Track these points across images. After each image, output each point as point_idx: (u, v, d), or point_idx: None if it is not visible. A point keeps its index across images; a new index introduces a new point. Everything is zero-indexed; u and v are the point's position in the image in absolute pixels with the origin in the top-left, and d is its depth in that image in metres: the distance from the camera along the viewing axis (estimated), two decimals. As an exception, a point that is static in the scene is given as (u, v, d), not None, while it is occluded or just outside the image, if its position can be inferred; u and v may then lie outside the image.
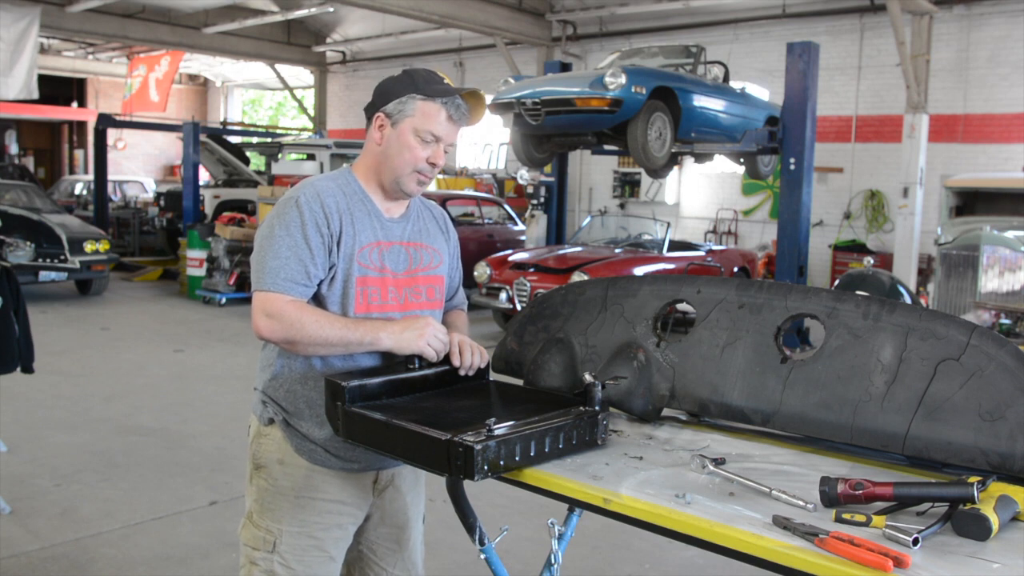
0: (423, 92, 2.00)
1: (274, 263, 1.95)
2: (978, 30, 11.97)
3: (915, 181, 11.26)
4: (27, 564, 3.73)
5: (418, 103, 2.01)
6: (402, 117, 2.02)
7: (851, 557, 1.33)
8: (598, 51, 15.64)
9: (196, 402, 6.59)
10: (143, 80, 21.32)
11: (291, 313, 1.92)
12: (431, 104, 2.00)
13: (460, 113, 2.03)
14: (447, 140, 2.04)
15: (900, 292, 7.17)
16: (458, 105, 2.03)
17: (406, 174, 2.04)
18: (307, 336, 1.92)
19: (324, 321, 1.94)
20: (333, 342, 1.94)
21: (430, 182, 2.09)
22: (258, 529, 2.07)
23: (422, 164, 2.03)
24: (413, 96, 2.01)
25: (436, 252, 2.20)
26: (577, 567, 3.80)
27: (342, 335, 1.94)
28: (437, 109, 2.01)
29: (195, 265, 11.71)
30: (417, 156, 2.02)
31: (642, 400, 2.12)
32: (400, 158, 2.03)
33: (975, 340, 1.74)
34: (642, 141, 8.27)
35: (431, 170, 2.05)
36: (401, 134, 2.02)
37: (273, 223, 2.00)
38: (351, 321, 1.98)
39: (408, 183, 2.05)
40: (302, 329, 1.91)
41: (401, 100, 2.02)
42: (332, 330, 1.93)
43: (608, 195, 16.14)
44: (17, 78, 14.83)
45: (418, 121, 2.01)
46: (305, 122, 23.47)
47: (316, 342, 1.94)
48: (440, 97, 2.00)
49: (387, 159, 2.05)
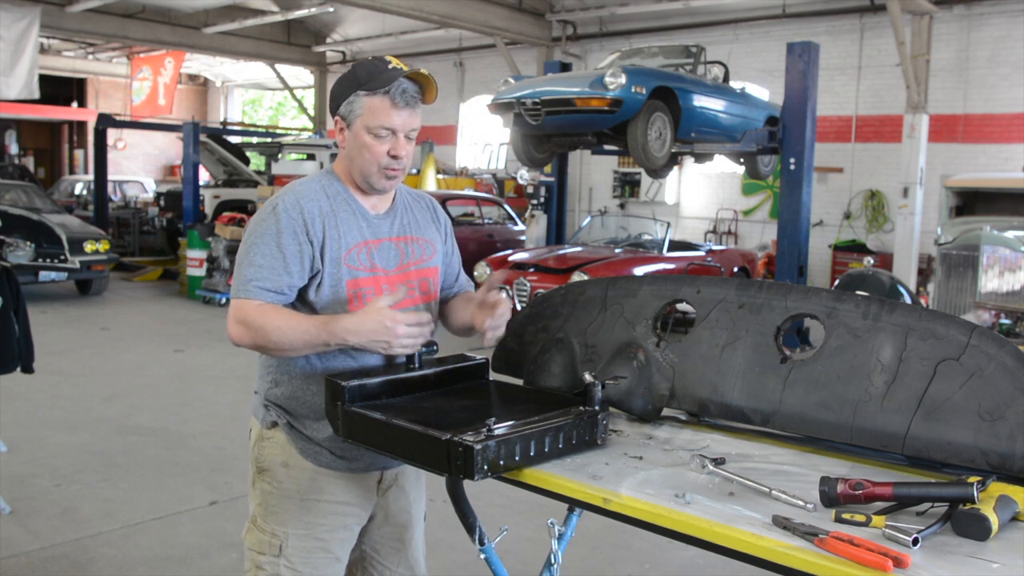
0: (366, 87, 1.96)
1: (249, 271, 1.95)
2: (978, 30, 11.97)
3: (915, 181, 11.26)
4: (27, 564, 3.73)
5: (363, 100, 1.97)
6: (353, 118, 1.99)
7: (851, 557, 1.33)
8: (598, 51, 15.64)
9: (196, 402, 6.59)
10: (152, 85, 21.37)
11: (255, 319, 1.91)
12: (375, 98, 1.96)
13: (408, 97, 1.97)
14: (403, 129, 1.99)
15: (900, 292, 7.16)
16: (403, 90, 1.97)
17: (373, 172, 2.02)
18: (272, 343, 1.91)
19: (285, 327, 1.90)
20: (299, 347, 1.93)
21: (401, 173, 2.04)
22: (263, 533, 2.06)
23: (385, 159, 2.00)
24: (358, 94, 1.98)
25: (428, 243, 2.19)
26: (577, 567, 3.80)
27: (305, 339, 1.91)
28: (382, 101, 1.96)
29: (195, 265, 11.72)
30: (377, 153, 1.99)
31: (642, 400, 2.12)
32: (362, 158, 2.00)
33: (975, 340, 1.74)
34: (642, 141, 8.26)
35: (396, 162, 2.01)
36: (356, 135, 2.00)
37: (251, 231, 2.00)
38: (312, 323, 1.92)
39: (377, 180, 2.03)
40: (266, 336, 1.90)
41: (349, 101, 1.99)
42: (295, 335, 1.90)
43: (608, 195, 16.13)
44: (18, 78, 14.85)
45: (367, 119, 1.97)
46: (305, 122, 23.48)
47: (283, 348, 1.93)
48: (382, 88, 1.95)
49: (352, 161, 2.03)
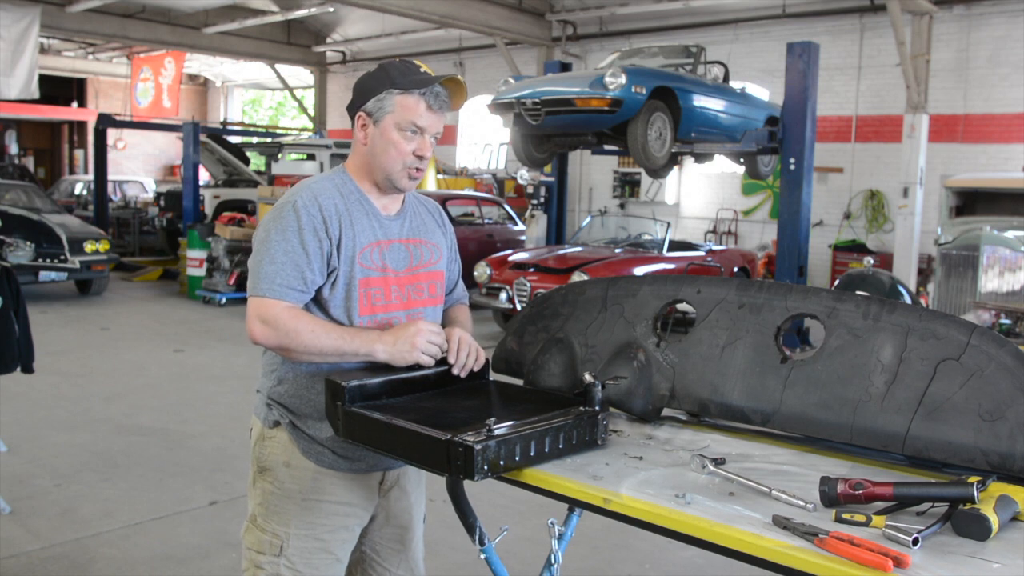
0: (400, 86, 1.98)
1: (270, 268, 1.94)
2: (978, 30, 11.97)
3: (915, 181, 11.27)
4: (27, 564, 3.73)
5: (396, 98, 1.98)
6: (382, 114, 2.00)
7: (851, 557, 1.33)
8: (598, 51, 15.64)
9: (196, 402, 6.59)
10: (155, 87, 21.40)
11: (286, 321, 1.91)
12: (409, 97, 1.98)
13: (440, 101, 2.01)
14: (431, 130, 2.02)
15: (900, 292, 7.16)
16: (437, 93, 2.00)
17: (397, 171, 2.02)
18: (302, 345, 1.92)
19: (320, 331, 1.93)
20: (327, 352, 1.94)
21: (422, 175, 2.07)
22: (263, 533, 2.05)
23: (410, 159, 2.01)
24: (391, 91, 1.98)
25: (435, 247, 2.20)
26: (577, 567, 3.80)
27: (337, 345, 1.93)
28: (416, 101, 1.98)
29: (195, 265, 11.72)
30: (403, 151, 2.00)
31: (642, 400, 2.11)
32: (387, 156, 2.01)
33: (975, 340, 1.74)
34: (642, 141, 8.27)
35: (420, 162, 2.03)
36: (384, 131, 2.00)
37: (269, 227, 1.98)
38: (346, 331, 1.96)
39: (400, 179, 2.04)
40: (297, 337, 1.91)
41: (379, 97, 2.00)
42: (328, 340, 1.93)
43: (608, 195, 16.14)
44: (19, 78, 14.88)
45: (399, 116, 1.98)
46: (305, 122, 23.48)
47: (311, 351, 1.94)
48: (417, 88, 1.98)
49: (375, 158, 2.04)
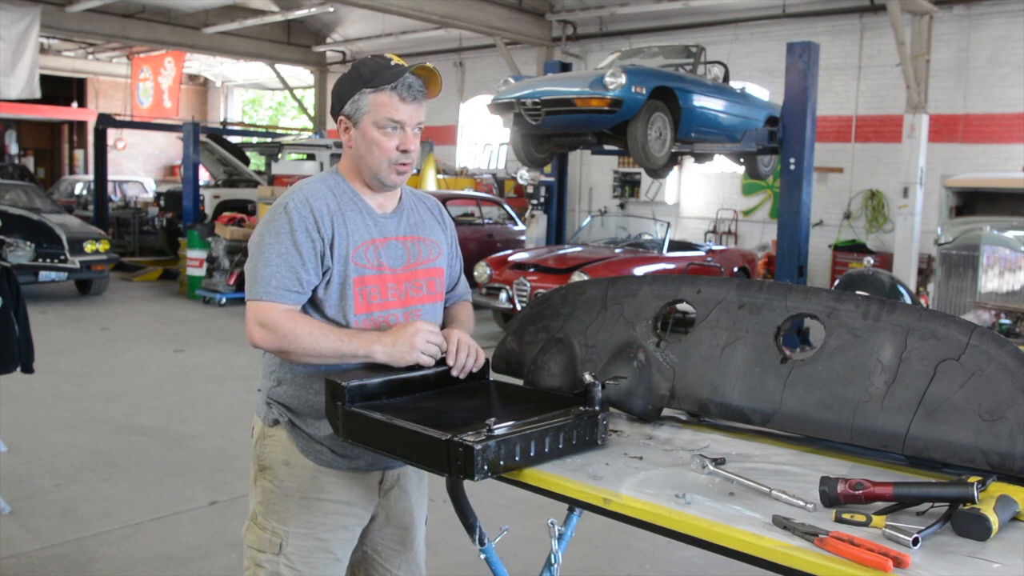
0: (371, 84, 1.99)
1: (265, 271, 1.96)
2: (978, 30, 11.97)
3: (915, 181, 11.27)
4: (27, 564, 3.73)
5: (370, 97, 1.99)
6: (360, 115, 2.01)
7: (851, 557, 1.33)
8: (598, 51, 15.65)
9: (196, 402, 6.59)
10: (156, 88, 21.43)
11: (284, 324, 1.93)
12: (381, 94, 1.99)
13: (414, 92, 2.01)
14: (410, 123, 2.02)
15: (900, 292, 7.16)
16: (409, 85, 2.00)
17: (383, 169, 2.03)
18: (300, 347, 1.93)
19: (318, 333, 1.94)
20: (326, 354, 1.95)
21: (410, 168, 2.08)
22: (263, 531, 2.06)
23: (395, 155, 2.02)
24: (363, 91, 2.00)
25: (434, 244, 2.20)
26: (577, 567, 3.80)
27: (335, 347, 1.95)
28: (389, 96, 1.99)
29: (195, 265, 11.72)
30: (387, 149, 2.01)
31: (642, 400, 2.11)
32: (371, 155, 2.02)
33: (975, 340, 1.74)
34: (642, 141, 8.27)
35: (406, 157, 2.04)
36: (365, 132, 2.02)
37: (263, 232, 2.00)
38: (344, 333, 1.97)
39: (388, 176, 2.05)
40: (295, 340, 1.92)
41: (354, 99, 2.01)
42: (326, 342, 1.94)
43: (608, 195, 16.14)
44: (19, 78, 14.88)
45: (375, 115, 1.99)
46: (305, 122, 23.48)
47: (310, 354, 1.95)
48: (388, 84, 1.98)
49: (361, 159, 2.05)
